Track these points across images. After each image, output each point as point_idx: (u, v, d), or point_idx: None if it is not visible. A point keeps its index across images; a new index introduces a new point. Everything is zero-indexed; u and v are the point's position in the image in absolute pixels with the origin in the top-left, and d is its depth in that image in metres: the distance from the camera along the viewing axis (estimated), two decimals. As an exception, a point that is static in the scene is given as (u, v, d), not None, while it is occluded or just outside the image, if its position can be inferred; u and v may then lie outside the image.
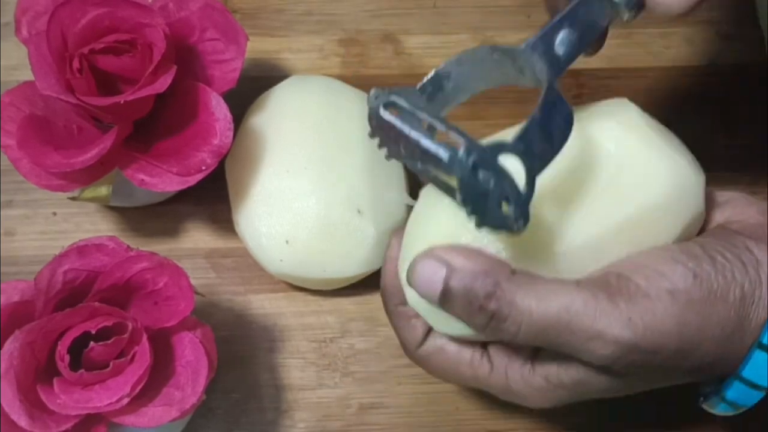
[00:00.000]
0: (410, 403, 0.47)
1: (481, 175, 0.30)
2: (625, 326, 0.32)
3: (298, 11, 0.56)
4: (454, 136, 0.31)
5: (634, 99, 0.55)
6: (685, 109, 0.54)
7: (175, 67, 0.43)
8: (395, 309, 0.39)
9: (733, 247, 0.35)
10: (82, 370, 0.38)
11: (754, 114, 0.54)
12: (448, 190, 0.34)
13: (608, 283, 0.33)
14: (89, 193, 0.45)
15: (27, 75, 0.44)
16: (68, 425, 0.38)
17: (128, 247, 0.41)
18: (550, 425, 0.47)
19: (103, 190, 0.45)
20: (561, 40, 0.34)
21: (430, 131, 0.33)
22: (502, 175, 0.30)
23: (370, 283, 0.48)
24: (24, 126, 0.43)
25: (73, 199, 0.46)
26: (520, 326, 0.33)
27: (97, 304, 0.40)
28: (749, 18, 0.56)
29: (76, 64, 0.43)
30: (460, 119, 0.53)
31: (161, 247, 0.49)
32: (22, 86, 0.45)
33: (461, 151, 0.30)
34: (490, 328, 0.33)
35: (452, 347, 0.37)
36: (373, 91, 0.34)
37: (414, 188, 0.51)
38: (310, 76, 0.52)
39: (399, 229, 0.39)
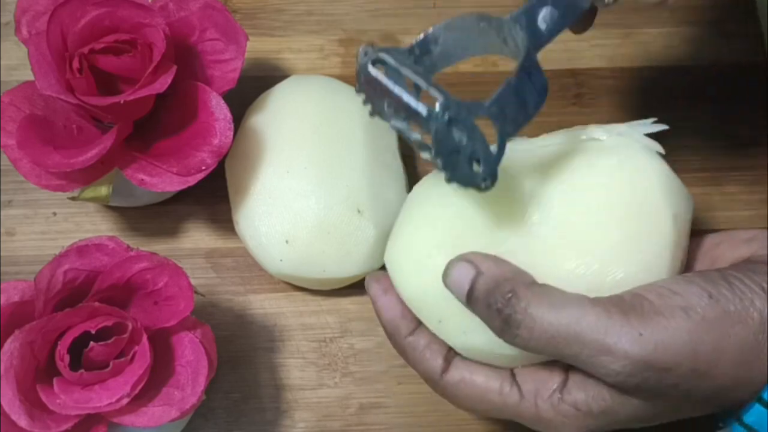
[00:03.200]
0: (410, 403, 0.47)
1: (456, 131, 0.32)
2: (636, 342, 0.32)
3: (298, 11, 0.56)
4: (433, 93, 0.33)
5: (634, 98, 0.55)
6: (686, 108, 0.54)
7: (175, 67, 0.43)
8: (405, 342, 0.38)
9: (753, 274, 0.34)
10: (82, 370, 0.38)
11: (755, 113, 0.54)
12: (423, 148, 0.35)
13: (622, 300, 0.34)
14: (89, 193, 0.45)
15: (27, 75, 0.44)
16: (68, 425, 0.38)
17: (128, 246, 0.41)
18: None
19: (103, 190, 0.45)
20: (543, 16, 0.36)
21: (416, 90, 0.34)
22: (475, 134, 0.32)
23: (370, 283, 0.48)
24: (24, 126, 0.43)
25: (73, 199, 0.46)
26: (532, 333, 0.34)
27: (97, 304, 0.40)
28: (749, 17, 0.56)
29: (76, 64, 0.43)
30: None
31: (161, 247, 0.49)
32: (22, 86, 0.45)
33: (437, 107, 0.32)
34: (506, 333, 0.34)
35: (480, 376, 0.37)
36: (362, 48, 0.36)
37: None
38: (310, 76, 0.52)
39: (374, 273, 0.40)
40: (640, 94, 0.54)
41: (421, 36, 0.37)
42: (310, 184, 0.46)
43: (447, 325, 0.37)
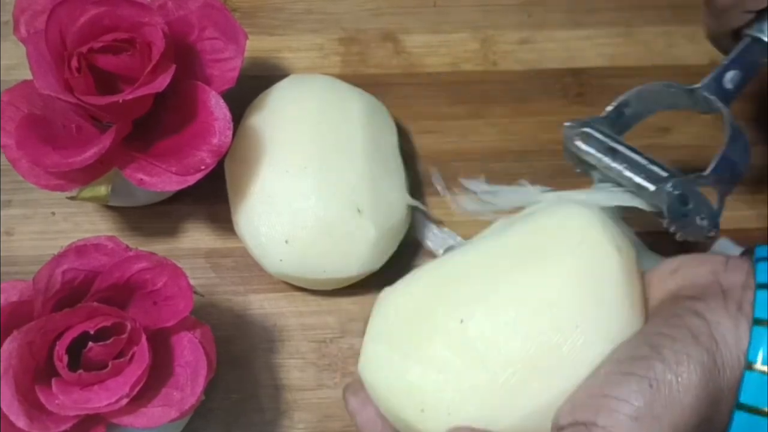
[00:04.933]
0: (410, 404, 0.47)
1: (686, 201, 0.38)
2: None
3: (298, 10, 0.56)
4: (656, 169, 0.39)
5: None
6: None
7: (174, 66, 0.43)
8: None
9: (679, 320, 0.34)
10: (80, 371, 0.38)
11: (755, 113, 0.54)
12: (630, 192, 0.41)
13: None
14: (88, 192, 0.45)
15: (26, 74, 0.44)
16: (67, 426, 0.38)
17: (127, 246, 0.41)
18: None
19: (102, 190, 0.45)
20: (729, 78, 0.43)
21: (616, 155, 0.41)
22: (699, 199, 0.38)
23: (370, 283, 0.47)
24: (23, 125, 0.43)
25: (72, 198, 0.45)
26: None
27: (95, 304, 0.39)
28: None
29: (74, 63, 0.42)
30: (463, 118, 0.53)
31: (160, 247, 0.49)
32: (21, 85, 0.45)
33: (669, 186, 0.38)
34: None
35: None
36: (567, 124, 0.42)
37: (414, 188, 0.51)
38: (310, 75, 0.51)
39: (351, 385, 0.40)
40: (641, 93, 0.54)
41: (616, 103, 0.43)
42: (309, 184, 0.45)
43: (430, 413, 0.37)
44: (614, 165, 0.40)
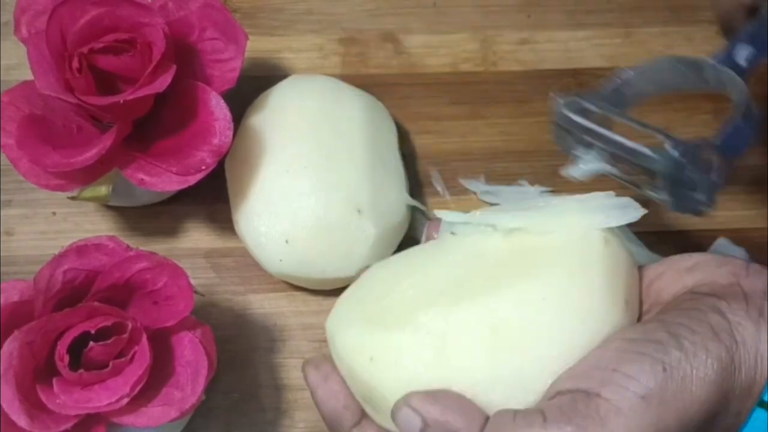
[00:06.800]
0: (410, 403, 0.47)
1: (687, 169, 0.35)
2: None
3: (298, 10, 0.56)
4: (659, 136, 0.36)
5: (635, 98, 0.55)
6: (686, 108, 0.54)
7: (174, 67, 0.43)
8: None
9: (701, 314, 0.33)
10: (81, 370, 0.38)
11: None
12: (630, 182, 0.38)
13: (576, 411, 0.31)
14: (89, 192, 0.45)
15: (26, 74, 0.44)
16: (68, 425, 0.38)
17: (128, 246, 0.41)
18: None
19: (102, 190, 0.45)
20: (743, 55, 0.40)
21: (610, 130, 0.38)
22: (702, 168, 0.35)
23: (370, 282, 0.47)
24: (23, 125, 0.43)
25: (73, 198, 0.46)
26: None
27: (96, 303, 0.40)
28: (750, 17, 0.56)
29: (75, 64, 0.42)
30: (463, 119, 0.53)
31: (161, 247, 0.49)
32: (22, 86, 0.45)
33: (671, 145, 0.35)
34: None
35: None
36: (561, 98, 0.39)
37: (414, 188, 0.51)
38: (310, 76, 0.52)
39: (312, 359, 0.38)
40: (641, 93, 0.54)
41: (616, 80, 0.40)
42: (309, 184, 0.45)
43: (378, 363, 0.34)
44: (612, 135, 0.37)
